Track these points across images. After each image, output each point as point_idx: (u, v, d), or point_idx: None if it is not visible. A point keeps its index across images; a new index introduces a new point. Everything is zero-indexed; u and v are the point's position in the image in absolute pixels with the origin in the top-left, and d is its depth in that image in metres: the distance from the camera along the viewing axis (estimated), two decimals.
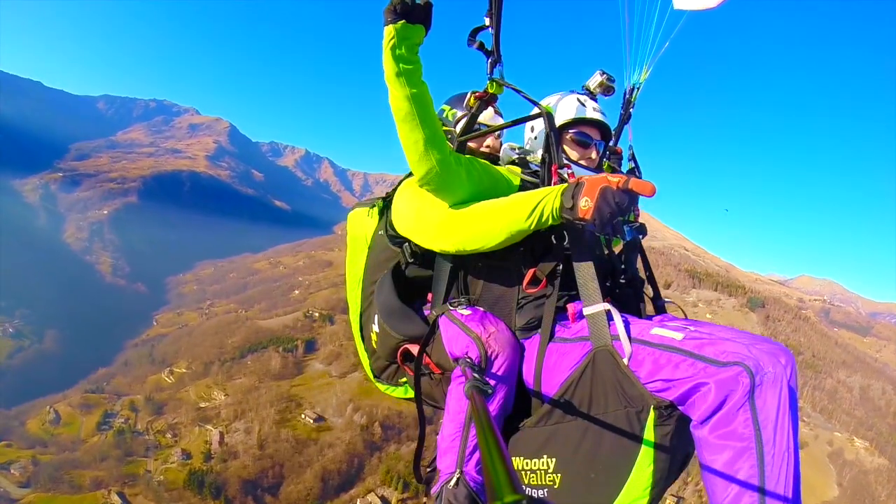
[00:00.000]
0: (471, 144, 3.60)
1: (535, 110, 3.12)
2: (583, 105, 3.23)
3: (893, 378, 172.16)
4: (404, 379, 3.60)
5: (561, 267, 2.78)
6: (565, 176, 2.92)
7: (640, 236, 3.04)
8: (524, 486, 2.67)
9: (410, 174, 3.22)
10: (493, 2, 2.75)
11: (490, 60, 2.96)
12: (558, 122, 3.19)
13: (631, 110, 3.57)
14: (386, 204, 3.56)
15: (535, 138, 3.32)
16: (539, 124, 3.31)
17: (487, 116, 3.70)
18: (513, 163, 3.29)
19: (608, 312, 2.52)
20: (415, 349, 3.14)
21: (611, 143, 3.55)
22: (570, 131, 3.22)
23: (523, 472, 2.68)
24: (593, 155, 3.22)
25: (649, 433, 2.28)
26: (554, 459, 2.57)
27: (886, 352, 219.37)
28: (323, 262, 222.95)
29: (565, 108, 3.24)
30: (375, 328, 3.46)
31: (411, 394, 3.41)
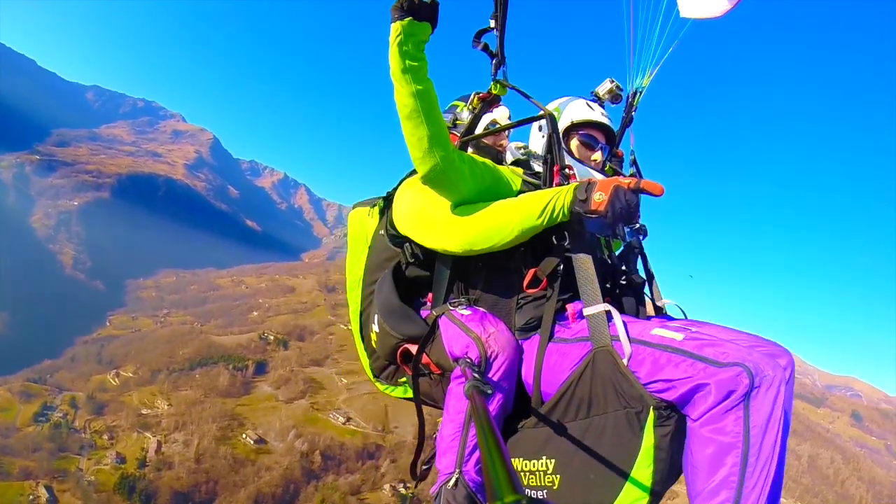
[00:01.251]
0: (485, 141, 3.67)
1: (539, 112, 3.21)
2: (591, 109, 3.29)
3: (844, 448, 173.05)
4: (403, 379, 3.60)
5: (562, 268, 2.79)
6: (567, 175, 3.01)
7: (641, 238, 3.15)
8: (524, 487, 2.66)
9: (412, 173, 3.29)
10: (499, 5, 2.82)
11: (494, 62, 3.06)
12: (567, 121, 3.25)
13: (633, 113, 3.69)
14: (387, 203, 3.56)
15: (543, 137, 3.26)
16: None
17: (504, 116, 3.73)
18: (516, 163, 3.39)
19: (608, 313, 2.51)
20: (414, 349, 3.10)
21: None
22: (579, 133, 3.26)
23: (523, 474, 2.68)
24: (598, 157, 3.26)
25: (649, 434, 2.26)
26: (553, 460, 2.56)
27: (839, 423, 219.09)
28: (286, 287, 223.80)
29: (575, 109, 3.29)
30: (375, 328, 3.44)
31: (410, 393, 3.37)
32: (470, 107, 3.49)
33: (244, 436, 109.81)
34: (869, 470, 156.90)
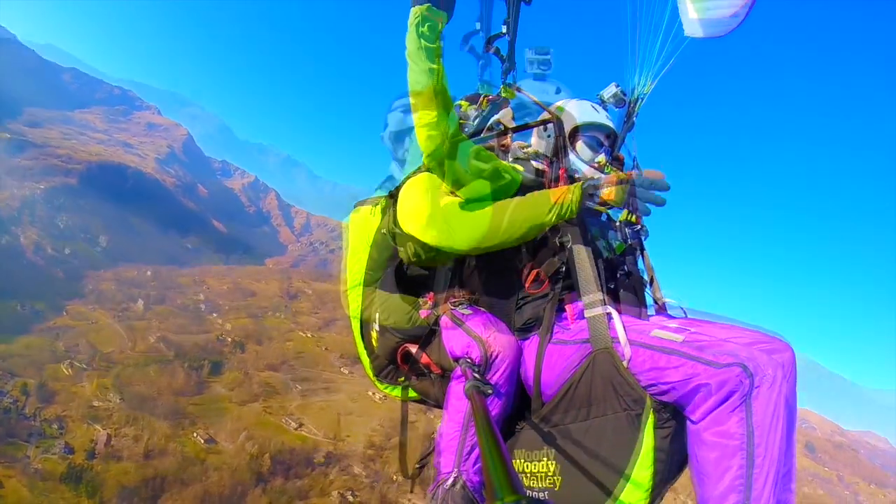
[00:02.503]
0: (490, 142, 3.63)
1: (545, 115, 3.29)
2: (597, 111, 3.37)
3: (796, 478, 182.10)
4: (404, 378, 3.54)
5: (564, 268, 2.78)
6: (575, 178, 3.04)
7: (643, 238, 3.13)
8: (524, 488, 2.63)
9: (415, 171, 3.26)
10: (511, 12, 2.91)
11: (504, 67, 3.16)
12: (573, 123, 3.29)
13: (634, 119, 3.68)
14: (389, 202, 3.50)
15: (549, 136, 3.31)
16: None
17: (508, 116, 3.74)
18: (517, 160, 3.37)
19: (608, 314, 2.50)
20: (415, 349, 3.13)
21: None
22: (584, 134, 3.30)
23: (524, 475, 2.67)
24: (602, 159, 3.28)
25: (649, 435, 2.25)
26: (554, 462, 2.55)
27: None
28: (247, 290, 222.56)
29: (581, 111, 3.34)
30: (376, 327, 3.41)
31: (412, 394, 3.43)
32: (479, 108, 3.55)
33: (195, 435, 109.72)
34: (820, 500, 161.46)
